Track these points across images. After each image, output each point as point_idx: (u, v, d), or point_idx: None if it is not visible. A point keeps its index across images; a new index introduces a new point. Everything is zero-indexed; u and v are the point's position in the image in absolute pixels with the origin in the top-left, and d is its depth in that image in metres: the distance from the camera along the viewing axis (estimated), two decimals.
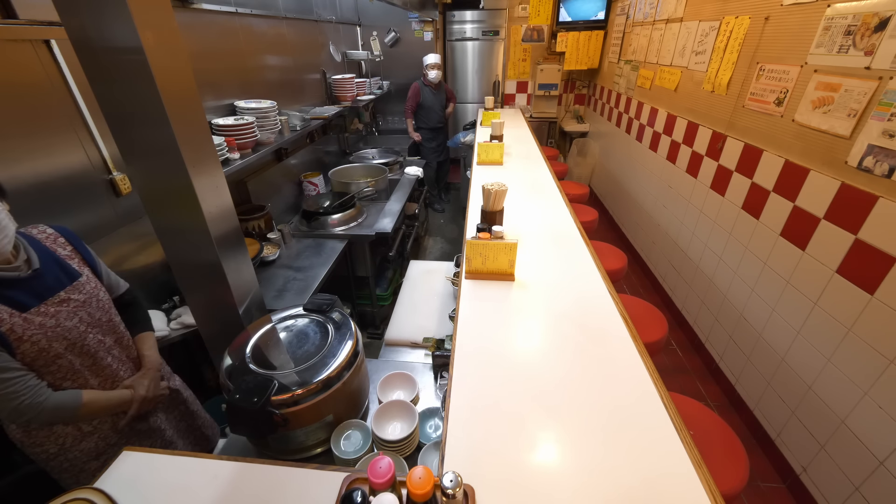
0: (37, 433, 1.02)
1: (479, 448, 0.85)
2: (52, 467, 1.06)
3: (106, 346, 1.10)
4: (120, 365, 1.15)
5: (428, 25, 4.54)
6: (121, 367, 1.15)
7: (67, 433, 1.05)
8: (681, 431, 0.86)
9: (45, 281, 0.98)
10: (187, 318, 1.59)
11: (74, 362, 1.03)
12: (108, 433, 1.12)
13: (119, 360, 1.15)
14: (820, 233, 1.67)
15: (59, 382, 1.01)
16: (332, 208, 2.48)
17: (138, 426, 1.18)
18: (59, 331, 0.98)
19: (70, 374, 1.02)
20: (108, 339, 1.11)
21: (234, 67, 2.15)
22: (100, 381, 1.09)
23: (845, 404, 1.54)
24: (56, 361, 0.99)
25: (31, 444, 1.02)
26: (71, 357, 1.01)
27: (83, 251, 1.12)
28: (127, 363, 1.18)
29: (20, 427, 1.01)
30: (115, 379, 1.13)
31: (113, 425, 1.12)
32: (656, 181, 3.21)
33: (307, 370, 1.03)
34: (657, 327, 1.72)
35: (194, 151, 1.07)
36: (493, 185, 1.48)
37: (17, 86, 1.20)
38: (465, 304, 1.29)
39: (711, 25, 2.47)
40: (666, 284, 3.06)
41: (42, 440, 1.03)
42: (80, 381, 1.05)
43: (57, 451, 1.05)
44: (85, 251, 1.13)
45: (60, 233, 1.09)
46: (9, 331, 0.89)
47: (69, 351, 1.01)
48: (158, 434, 1.24)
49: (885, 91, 1.40)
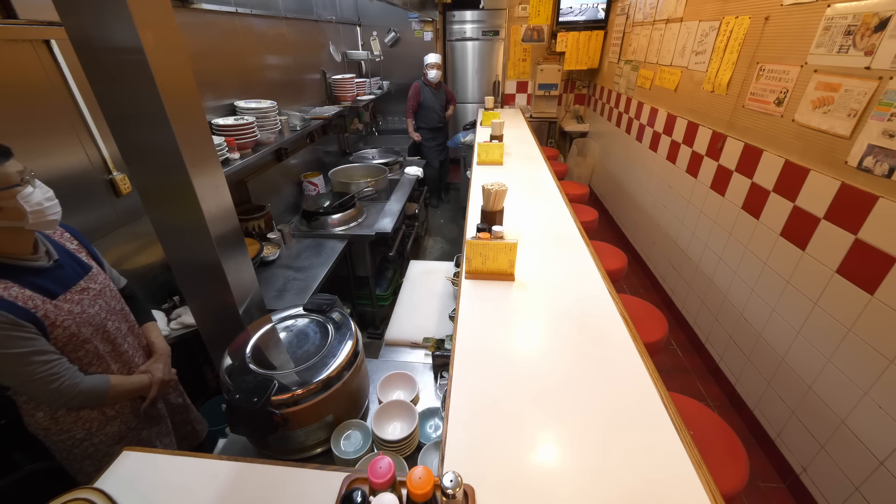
0: (64, 419, 1.06)
1: (479, 448, 0.85)
2: (75, 455, 1.10)
3: (122, 334, 1.17)
4: (134, 352, 1.22)
5: (428, 25, 4.54)
6: (135, 354, 1.22)
7: (93, 418, 1.10)
8: (681, 431, 0.86)
9: (65, 271, 1.05)
10: (187, 318, 1.59)
11: (99, 348, 1.09)
12: (129, 417, 1.17)
13: (133, 348, 1.22)
14: (820, 233, 1.67)
15: (85, 368, 1.06)
16: (332, 208, 2.48)
17: (151, 411, 1.24)
18: (85, 317, 1.04)
19: (95, 360, 1.08)
20: (123, 327, 1.18)
21: (234, 67, 2.15)
22: (119, 366, 1.15)
23: (845, 404, 1.54)
24: (84, 346, 1.05)
25: (58, 432, 1.06)
26: (96, 343, 1.08)
27: (88, 247, 1.18)
28: (139, 350, 1.25)
29: (47, 414, 1.04)
30: (132, 365, 1.20)
31: (133, 409, 1.19)
32: (656, 181, 3.21)
33: (307, 370, 1.03)
34: (657, 327, 1.72)
35: (194, 151, 1.08)
36: (493, 185, 1.48)
37: (17, 86, 1.20)
38: (465, 304, 1.29)
39: (711, 25, 2.47)
40: (666, 284, 3.06)
41: (69, 426, 1.07)
42: (104, 366, 1.11)
43: (83, 437, 1.09)
44: (89, 247, 1.18)
45: (66, 230, 1.15)
46: (43, 316, 0.95)
47: (94, 336, 1.08)
48: (164, 421, 1.30)
49: (885, 91, 1.40)
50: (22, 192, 0.91)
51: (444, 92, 4.33)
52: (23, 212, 0.91)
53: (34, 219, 0.93)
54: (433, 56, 4.03)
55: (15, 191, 0.90)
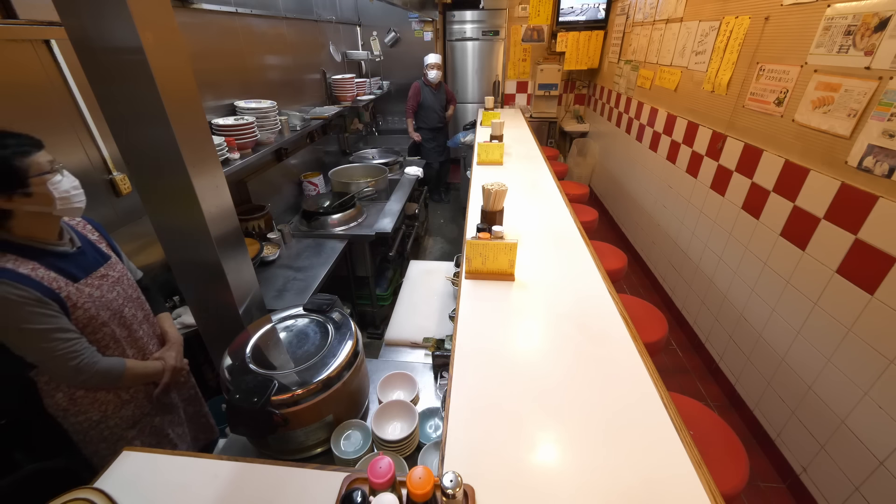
0: (82, 399, 1.11)
1: (479, 448, 0.85)
2: (91, 437, 1.14)
3: (138, 321, 1.22)
4: (148, 339, 1.26)
5: (428, 25, 4.54)
6: (149, 341, 1.27)
7: (109, 400, 1.15)
8: (681, 431, 0.86)
9: (86, 258, 1.11)
10: (187, 318, 1.59)
11: (116, 332, 1.14)
12: (143, 402, 1.22)
13: (148, 335, 1.26)
14: (820, 233, 1.67)
15: (102, 350, 1.11)
16: (332, 208, 2.48)
17: (164, 399, 1.28)
18: (104, 301, 1.10)
19: (112, 343, 1.13)
20: (139, 314, 1.24)
21: (234, 67, 2.15)
22: (134, 351, 1.20)
23: (845, 404, 1.54)
24: (102, 329, 1.10)
25: (76, 413, 1.11)
26: (114, 327, 1.13)
27: (108, 238, 1.24)
28: (153, 338, 1.29)
29: (66, 395, 1.09)
30: (146, 352, 1.24)
31: (147, 394, 1.23)
32: (656, 181, 3.21)
33: (307, 370, 1.03)
34: (657, 327, 1.72)
35: (194, 151, 1.08)
36: (493, 185, 1.48)
37: (17, 86, 1.20)
38: (465, 304, 1.29)
39: (711, 25, 2.47)
40: (666, 284, 3.06)
41: (87, 407, 1.12)
42: (120, 350, 1.16)
43: (99, 419, 1.14)
44: (109, 238, 1.24)
45: (88, 222, 1.22)
46: (66, 297, 1.01)
47: (112, 321, 1.13)
48: (176, 411, 1.34)
49: (885, 91, 1.40)
50: (52, 179, 0.97)
51: (444, 92, 4.33)
52: (52, 198, 0.97)
53: (62, 205, 0.99)
54: (433, 56, 4.03)
55: (45, 178, 0.95)
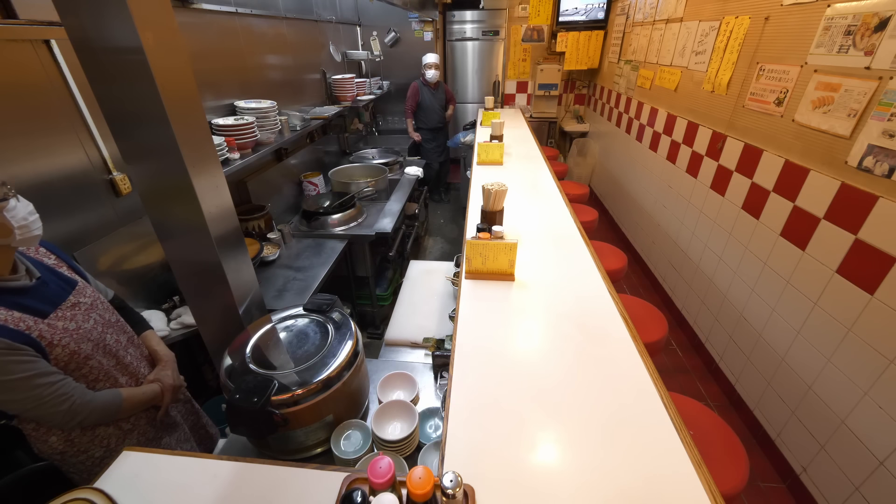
0: (80, 439, 1.01)
1: (479, 448, 0.85)
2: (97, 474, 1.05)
3: (123, 346, 1.12)
4: (138, 363, 1.17)
5: (428, 25, 4.54)
6: (139, 365, 1.18)
7: (110, 434, 1.06)
8: (681, 431, 0.86)
9: (50, 288, 0.97)
10: (187, 318, 1.59)
11: (103, 363, 1.04)
12: (145, 428, 1.15)
13: (136, 359, 1.17)
14: (820, 233, 1.67)
15: (92, 385, 1.01)
16: (332, 208, 2.48)
17: (165, 419, 1.21)
18: (82, 332, 0.99)
19: (102, 376, 1.03)
20: (122, 339, 1.13)
21: (234, 67, 2.15)
22: (126, 379, 1.11)
23: (845, 404, 1.54)
24: (87, 363, 0.99)
25: (75, 454, 1.01)
26: (99, 358, 1.03)
27: (67, 260, 1.10)
28: (142, 360, 1.20)
29: (61, 438, 0.98)
30: (138, 377, 1.15)
31: (149, 419, 1.16)
32: (656, 181, 3.21)
33: (307, 370, 1.03)
34: (657, 327, 1.72)
35: (194, 151, 1.07)
36: (493, 185, 1.48)
37: (17, 86, 1.20)
38: (465, 304, 1.29)
39: (711, 25, 2.47)
40: (666, 284, 3.06)
41: (86, 446, 1.02)
42: (111, 381, 1.06)
43: (103, 454, 1.05)
44: (69, 260, 1.11)
45: (41, 245, 1.07)
46: (39, 336, 0.89)
47: (96, 352, 1.02)
48: (180, 427, 1.28)
49: (885, 91, 1.40)
50: (6, 206, 0.84)
51: (444, 92, 4.33)
52: (10, 228, 0.84)
53: (21, 234, 0.86)
54: (431, 56, 4.03)
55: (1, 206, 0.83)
